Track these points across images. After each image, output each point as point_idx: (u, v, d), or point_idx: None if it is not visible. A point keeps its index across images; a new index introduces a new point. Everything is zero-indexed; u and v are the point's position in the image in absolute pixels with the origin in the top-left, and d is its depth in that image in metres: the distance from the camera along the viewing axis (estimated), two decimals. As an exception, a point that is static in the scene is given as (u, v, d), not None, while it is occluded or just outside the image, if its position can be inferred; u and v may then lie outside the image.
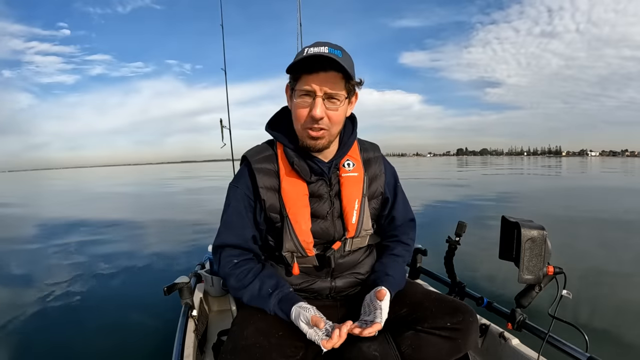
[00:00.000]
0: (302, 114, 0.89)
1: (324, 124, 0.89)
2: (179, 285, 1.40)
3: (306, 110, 0.88)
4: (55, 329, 2.71)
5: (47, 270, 4.26)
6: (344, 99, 0.89)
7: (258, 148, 1.03)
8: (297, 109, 0.90)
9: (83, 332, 2.62)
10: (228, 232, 0.98)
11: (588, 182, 15.56)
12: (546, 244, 0.97)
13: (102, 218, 8.36)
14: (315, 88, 0.85)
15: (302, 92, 0.87)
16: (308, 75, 0.86)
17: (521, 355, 1.16)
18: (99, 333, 2.58)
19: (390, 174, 1.10)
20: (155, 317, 2.70)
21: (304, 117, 0.89)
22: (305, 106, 0.88)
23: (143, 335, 2.49)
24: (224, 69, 2.92)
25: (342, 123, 0.94)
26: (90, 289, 3.55)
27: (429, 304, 0.94)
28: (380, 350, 0.89)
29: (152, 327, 2.57)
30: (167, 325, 1.82)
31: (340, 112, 0.90)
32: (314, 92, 0.86)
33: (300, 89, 0.87)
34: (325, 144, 0.93)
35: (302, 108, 0.88)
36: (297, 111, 0.90)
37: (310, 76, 0.85)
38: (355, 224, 0.99)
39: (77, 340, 2.50)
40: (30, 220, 8.75)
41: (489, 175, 21.41)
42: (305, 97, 0.87)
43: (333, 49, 0.86)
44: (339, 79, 0.86)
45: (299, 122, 0.91)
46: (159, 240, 5.83)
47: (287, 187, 0.95)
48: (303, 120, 0.90)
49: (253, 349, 0.80)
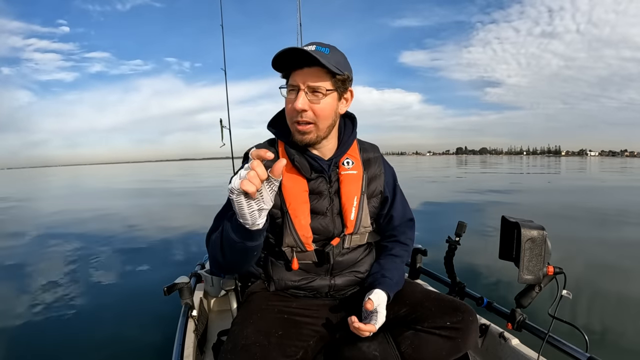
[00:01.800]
0: (289, 108, 0.93)
1: (309, 117, 0.90)
2: (179, 285, 1.40)
3: (291, 105, 0.91)
4: (54, 329, 2.71)
5: (46, 271, 4.25)
6: (329, 92, 0.90)
7: (260, 146, 1.04)
8: (286, 105, 0.94)
9: (83, 332, 2.62)
10: (220, 220, 0.94)
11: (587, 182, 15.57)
12: (546, 244, 0.97)
13: (102, 218, 8.36)
14: (298, 82, 0.89)
15: (289, 87, 0.92)
16: (294, 71, 0.90)
17: (521, 355, 1.16)
18: (98, 333, 2.58)
19: (389, 174, 1.11)
20: (155, 317, 2.70)
21: (290, 112, 0.93)
22: (291, 100, 0.91)
23: (143, 336, 2.49)
24: (224, 70, 2.92)
25: (329, 118, 0.94)
26: (89, 290, 3.55)
27: (429, 303, 0.94)
28: (380, 350, 0.89)
29: (152, 327, 2.57)
30: (167, 326, 1.82)
31: (324, 105, 0.91)
32: (297, 86, 0.89)
33: (288, 84, 0.92)
34: (314, 139, 0.94)
35: (289, 102, 0.93)
36: (286, 106, 0.95)
37: (295, 72, 0.90)
38: (353, 221, 0.99)
39: (77, 341, 2.50)
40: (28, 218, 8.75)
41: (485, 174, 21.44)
42: (292, 92, 0.91)
43: (321, 47, 0.89)
44: (323, 73, 0.89)
45: (287, 116, 0.95)
46: (158, 240, 5.82)
47: (287, 184, 0.97)
48: (290, 115, 0.93)
49: (253, 348, 0.81)
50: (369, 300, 0.90)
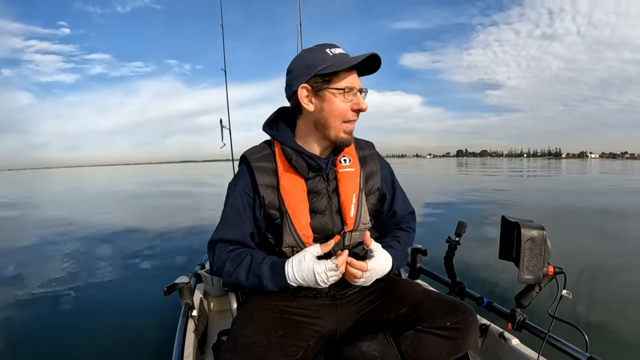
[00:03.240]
0: (344, 110, 0.94)
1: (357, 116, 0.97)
2: (179, 285, 1.40)
3: (348, 105, 0.94)
4: (55, 329, 2.71)
5: (46, 271, 4.25)
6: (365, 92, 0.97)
7: (256, 147, 1.05)
8: (337, 105, 0.94)
9: (83, 332, 2.62)
10: (226, 229, 0.99)
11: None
12: (546, 244, 0.97)
13: (102, 218, 8.36)
14: (357, 84, 0.94)
15: (343, 89, 0.93)
16: (348, 72, 0.93)
17: (521, 355, 1.16)
18: (99, 333, 2.58)
19: (386, 170, 1.12)
20: (155, 317, 2.70)
21: (345, 113, 0.94)
22: (347, 101, 0.93)
23: (143, 336, 2.49)
24: (224, 69, 2.92)
25: None
26: (90, 290, 3.55)
27: (429, 303, 0.94)
28: (380, 350, 0.89)
29: (152, 327, 2.57)
30: (167, 326, 1.83)
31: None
32: (356, 88, 0.93)
33: (339, 87, 0.92)
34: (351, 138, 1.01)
35: (344, 103, 0.94)
36: (338, 108, 0.94)
37: (351, 74, 0.93)
38: (353, 218, 1.00)
39: (78, 341, 2.50)
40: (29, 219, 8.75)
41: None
42: (348, 93, 0.93)
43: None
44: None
45: (338, 118, 0.95)
46: (158, 240, 5.82)
47: (285, 184, 0.97)
48: (345, 116, 0.95)
49: (253, 348, 0.81)
50: (366, 233, 0.96)
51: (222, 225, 1.00)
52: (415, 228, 1.17)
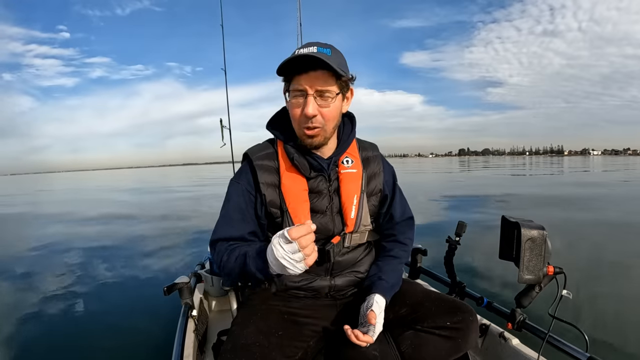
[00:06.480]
0: (296, 113, 0.91)
1: (318, 121, 0.91)
2: (179, 285, 1.40)
3: (300, 109, 0.90)
4: (56, 329, 2.71)
5: (48, 272, 4.26)
6: (336, 95, 0.91)
7: (259, 146, 1.05)
8: (292, 109, 0.93)
9: (84, 332, 2.62)
10: (227, 226, 0.98)
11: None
12: (546, 243, 0.97)
13: (102, 219, 8.36)
14: (306, 87, 0.88)
15: (295, 93, 0.90)
16: (299, 75, 0.88)
17: (521, 355, 1.16)
18: (99, 333, 2.58)
19: (388, 172, 1.11)
20: (155, 317, 2.70)
21: (297, 117, 0.92)
22: (298, 105, 0.90)
23: (143, 336, 2.49)
24: (224, 69, 2.92)
25: (336, 119, 0.95)
26: (90, 290, 3.55)
27: (429, 303, 0.94)
28: (380, 349, 0.89)
29: (152, 327, 2.57)
30: (167, 325, 1.83)
31: (332, 108, 0.91)
32: (305, 91, 0.88)
33: (293, 89, 0.90)
34: (322, 141, 0.95)
35: (296, 107, 0.91)
36: (292, 111, 0.93)
37: (300, 76, 0.88)
38: (354, 219, 0.99)
39: (78, 341, 2.50)
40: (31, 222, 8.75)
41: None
42: (298, 96, 0.90)
43: (322, 47, 0.88)
44: (329, 76, 0.88)
45: (295, 121, 0.94)
46: (159, 240, 5.82)
47: (286, 183, 0.97)
48: (298, 119, 0.92)
49: (253, 348, 0.81)
50: (371, 312, 0.89)
51: (224, 222, 0.99)
52: (412, 237, 1.14)
